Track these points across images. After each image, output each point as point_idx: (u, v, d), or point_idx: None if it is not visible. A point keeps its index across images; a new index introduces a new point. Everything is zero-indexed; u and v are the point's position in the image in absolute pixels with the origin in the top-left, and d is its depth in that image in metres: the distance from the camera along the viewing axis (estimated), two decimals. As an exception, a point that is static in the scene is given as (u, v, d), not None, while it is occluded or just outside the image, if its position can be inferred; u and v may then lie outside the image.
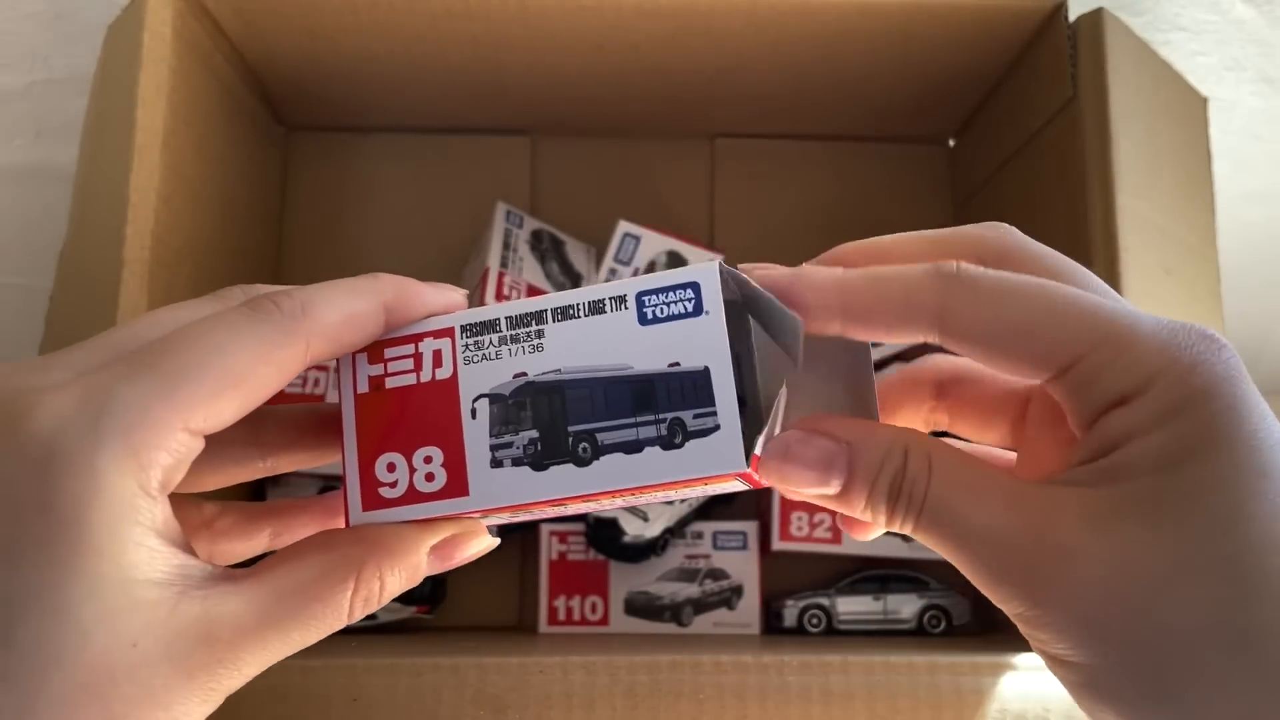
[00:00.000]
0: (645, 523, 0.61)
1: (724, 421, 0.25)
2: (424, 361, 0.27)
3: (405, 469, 0.27)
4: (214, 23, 0.57)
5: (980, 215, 0.69)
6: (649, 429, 0.26)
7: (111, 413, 0.22)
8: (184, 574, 0.22)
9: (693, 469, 0.25)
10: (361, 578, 0.25)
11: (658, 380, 0.26)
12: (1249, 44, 0.63)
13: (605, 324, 0.27)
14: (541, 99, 0.67)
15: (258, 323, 0.24)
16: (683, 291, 0.26)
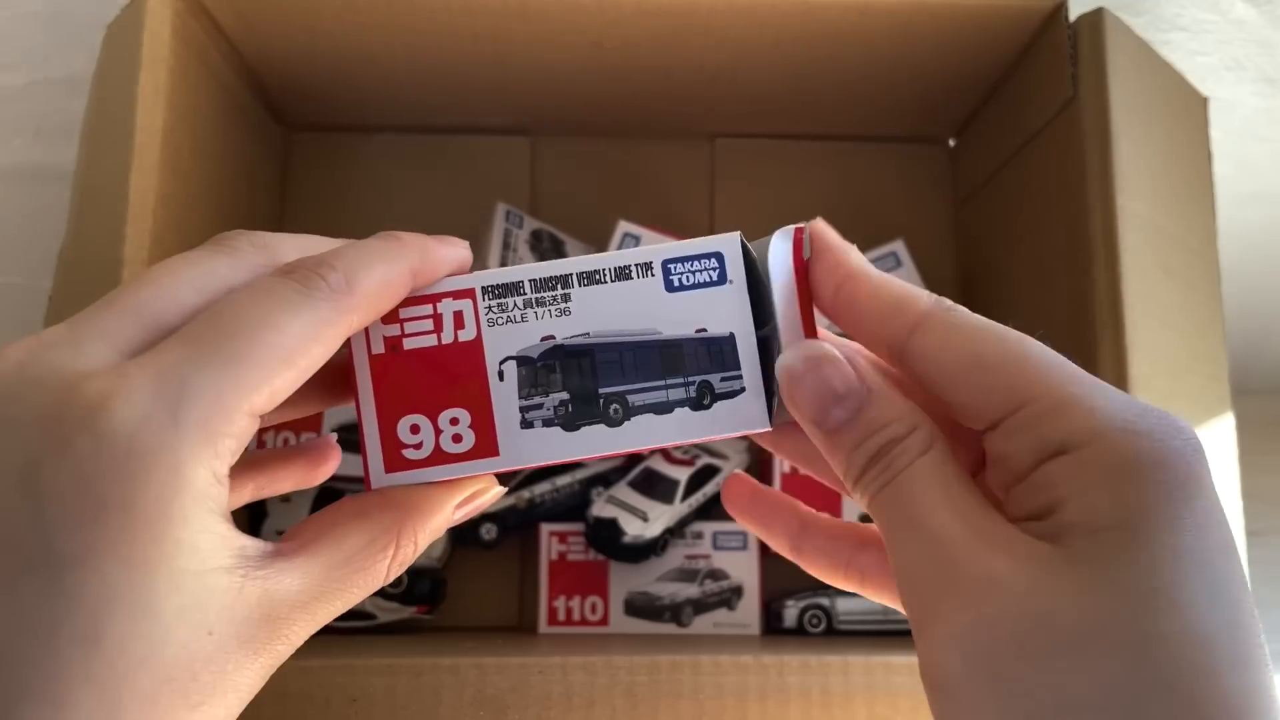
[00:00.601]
0: (645, 523, 0.61)
1: (749, 384, 0.27)
2: (444, 322, 0.27)
3: (430, 431, 0.27)
4: (213, 22, 0.57)
5: (980, 215, 0.69)
6: (678, 391, 0.27)
7: (189, 403, 0.21)
8: (244, 555, 0.23)
9: (722, 428, 0.27)
10: (400, 544, 0.25)
11: (686, 345, 0.27)
12: (1249, 44, 0.63)
13: (632, 290, 0.27)
14: (541, 98, 0.67)
15: (310, 299, 0.24)
16: (707, 261, 0.28)
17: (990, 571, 0.22)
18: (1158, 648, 0.20)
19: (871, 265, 0.27)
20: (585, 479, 0.65)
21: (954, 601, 0.22)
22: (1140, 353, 0.50)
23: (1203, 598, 0.20)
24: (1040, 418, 0.23)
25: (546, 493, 0.64)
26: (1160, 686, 0.20)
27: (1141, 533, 0.21)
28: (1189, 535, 0.21)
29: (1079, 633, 0.20)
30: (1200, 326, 0.55)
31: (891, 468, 0.24)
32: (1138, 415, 0.22)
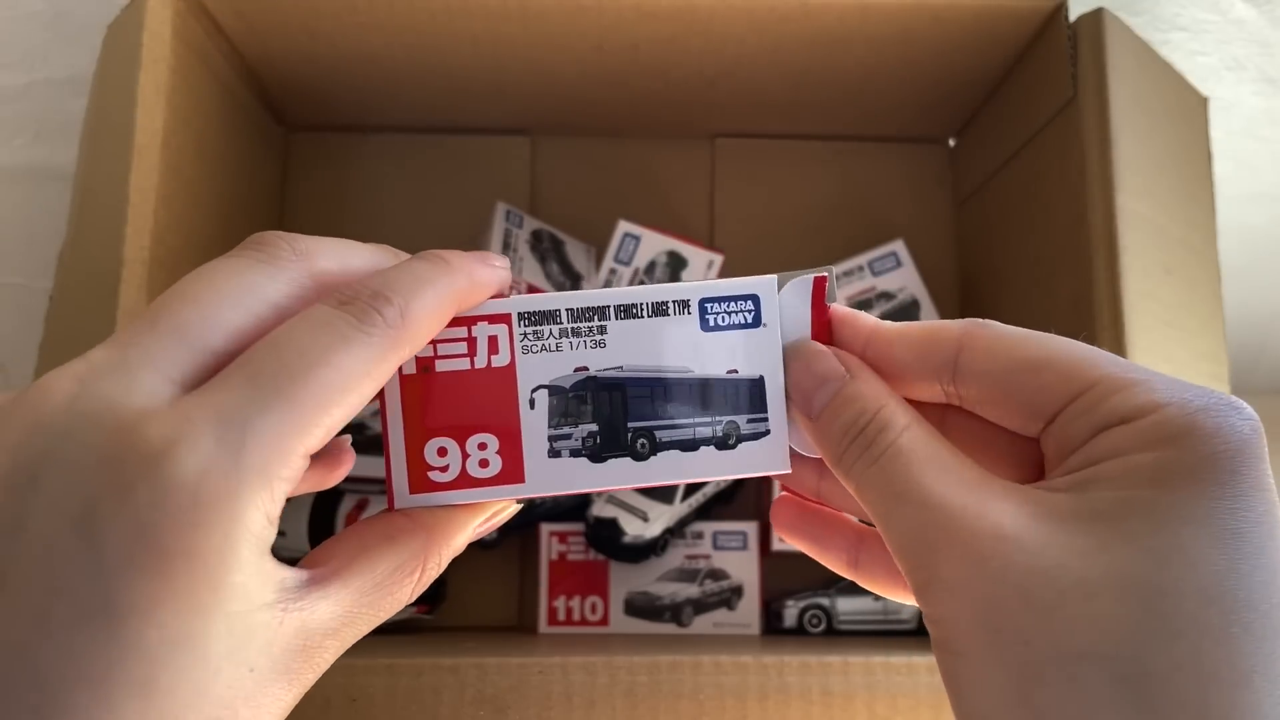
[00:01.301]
0: (645, 523, 0.61)
1: (774, 427, 0.28)
2: (479, 347, 0.27)
3: (458, 454, 0.27)
4: (213, 23, 0.57)
5: (980, 215, 0.69)
6: (705, 429, 0.28)
7: (250, 449, 0.21)
8: (284, 589, 0.23)
9: (743, 468, 0.28)
10: (426, 566, 0.26)
11: (717, 385, 0.28)
12: (1249, 44, 0.63)
13: (668, 326, 0.28)
14: (541, 99, 0.67)
15: (366, 335, 0.23)
16: (743, 302, 0.28)
17: (996, 527, 0.22)
18: (1169, 602, 0.20)
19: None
20: (585, 479, 0.65)
21: (955, 557, 0.22)
22: (1140, 353, 0.50)
23: (1225, 562, 0.20)
24: (1102, 399, 0.23)
25: (546, 493, 0.64)
26: (1165, 637, 0.20)
27: (1177, 495, 0.21)
28: (1227, 503, 0.21)
29: (1088, 584, 0.21)
30: (1200, 326, 0.55)
31: (878, 443, 0.25)
32: (1199, 394, 0.22)
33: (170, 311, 0.23)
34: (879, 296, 0.68)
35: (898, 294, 0.68)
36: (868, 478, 0.25)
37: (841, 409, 0.26)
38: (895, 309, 0.67)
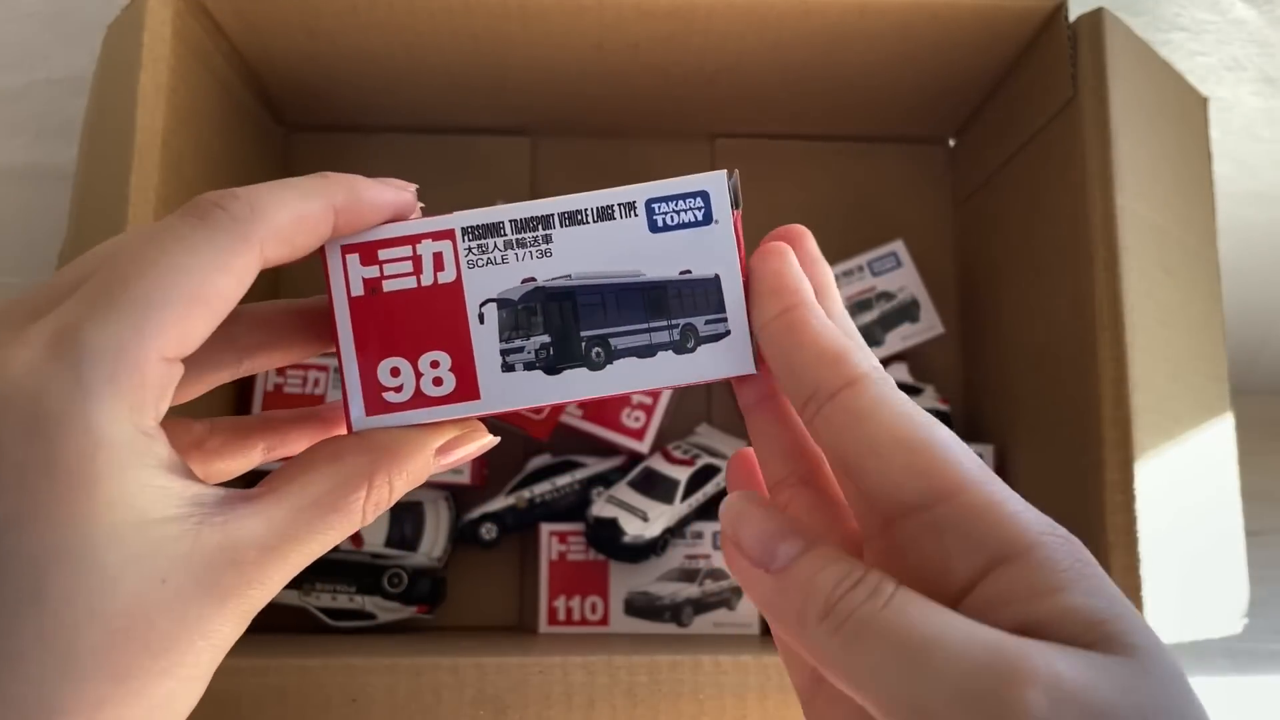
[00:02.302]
0: (645, 523, 0.61)
1: (734, 327, 0.27)
2: (424, 264, 0.27)
3: (411, 373, 0.27)
4: (214, 23, 0.57)
5: (980, 215, 0.69)
6: (661, 334, 0.27)
7: (89, 359, 0.21)
8: (198, 503, 0.22)
9: (705, 371, 0.27)
10: (373, 484, 0.25)
11: (670, 287, 0.27)
12: (1249, 44, 0.63)
13: (614, 230, 0.27)
14: (541, 99, 0.67)
15: (211, 231, 0.23)
16: (692, 200, 0.27)
17: (1052, 666, 0.20)
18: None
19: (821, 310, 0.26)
20: (585, 479, 0.65)
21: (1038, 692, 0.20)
22: (1140, 353, 0.50)
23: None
24: (968, 519, 0.22)
25: (546, 493, 0.65)
26: None
27: (1134, 623, 0.21)
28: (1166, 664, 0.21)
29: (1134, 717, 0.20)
30: (1200, 326, 0.55)
31: (867, 608, 0.21)
32: (1048, 523, 0.23)
33: (69, 265, 0.23)
34: (879, 296, 0.68)
35: (898, 294, 0.68)
36: (856, 638, 0.21)
37: (823, 566, 0.22)
38: (895, 309, 0.67)
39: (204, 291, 0.22)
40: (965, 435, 0.68)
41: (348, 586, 0.61)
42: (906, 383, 0.67)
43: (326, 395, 0.63)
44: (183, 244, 0.23)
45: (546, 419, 0.62)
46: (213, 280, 0.23)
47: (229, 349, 0.28)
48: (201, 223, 0.23)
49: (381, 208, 0.27)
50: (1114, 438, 0.49)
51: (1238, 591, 0.53)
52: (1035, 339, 0.60)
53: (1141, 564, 0.48)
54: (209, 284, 0.23)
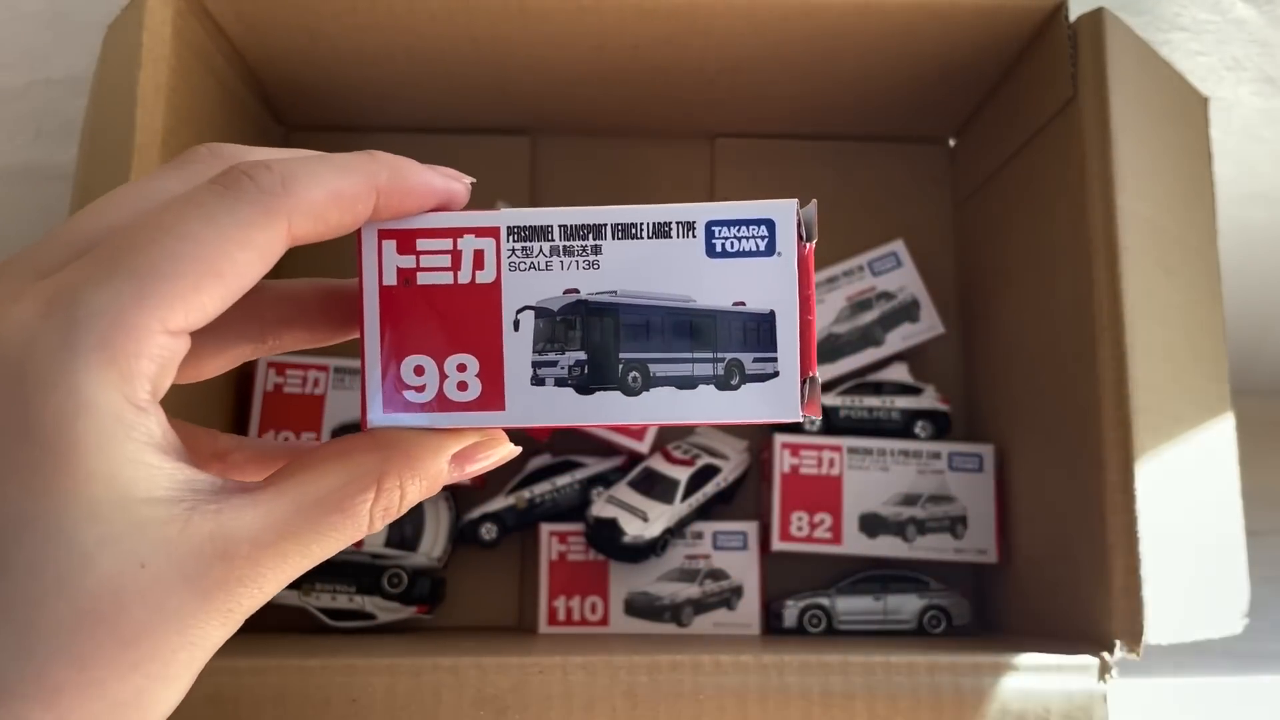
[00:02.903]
0: (645, 523, 0.61)
1: (784, 369, 0.25)
2: (463, 260, 0.26)
3: (435, 374, 0.25)
4: (214, 23, 0.57)
5: (980, 215, 0.69)
6: (705, 366, 0.25)
7: (82, 322, 0.20)
8: (192, 488, 0.21)
9: (746, 412, 0.25)
10: (382, 487, 0.23)
11: (720, 318, 0.25)
12: (1250, 44, 0.62)
13: (669, 249, 0.25)
14: (541, 99, 0.67)
15: (233, 202, 0.21)
16: (756, 228, 0.26)
17: None
18: None
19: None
20: (585, 479, 0.65)
21: None
22: (1140, 353, 0.50)
23: None
24: None
25: (546, 493, 0.64)
26: None
27: None
28: None
29: None
30: (1200, 326, 0.55)
31: None
32: None
33: (68, 220, 0.22)
34: (879, 296, 0.68)
35: (898, 294, 0.68)
36: None
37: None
38: (895, 309, 0.67)
39: (219, 265, 0.21)
40: (965, 435, 0.69)
41: (347, 587, 0.61)
42: (907, 383, 0.67)
43: (326, 395, 0.63)
44: (201, 212, 0.21)
45: (546, 419, 0.62)
46: (230, 254, 0.21)
47: (252, 322, 0.27)
48: (226, 192, 0.22)
49: (427, 194, 0.25)
50: (1114, 438, 0.49)
51: (1238, 592, 0.53)
52: (1035, 339, 0.60)
53: (1142, 564, 0.48)
54: (225, 257, 0.21)
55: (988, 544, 0.64)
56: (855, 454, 0.64)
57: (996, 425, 0.66)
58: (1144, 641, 0.47)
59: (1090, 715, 0.47)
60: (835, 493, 0.64)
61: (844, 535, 0.63)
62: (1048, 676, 0.47)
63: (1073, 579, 0.54)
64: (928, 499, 0.64)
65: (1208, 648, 0.52)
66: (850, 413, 0.66)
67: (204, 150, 0.24)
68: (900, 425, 0.66)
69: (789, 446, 0.64)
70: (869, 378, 0.67)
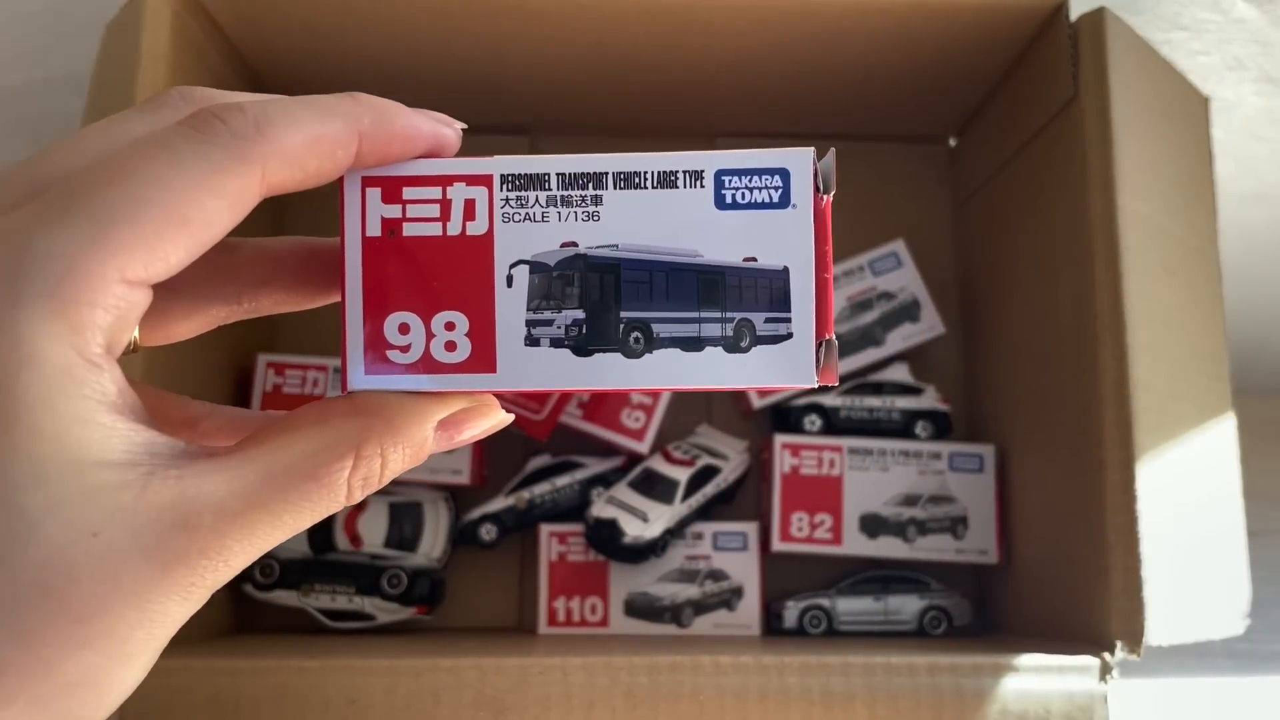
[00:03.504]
0: (645, 524, 0.61)
1: (798, 330, 0.23)
2: (453, 210, 0.24)
3: (421, 332, 0.24)
4: (212, 22, 0.57)
5: (981, 215, 0.69)
6: (713, 327, 0.23)
7: (30, 267, 0.18)
8: (150, 452, 0.19)
9: (756, 377, 0.23)
10: (361, 454, 0.21)
11: (730, 274, 0.23)
12: (1250, 43, 0.62)
13: (675, 200, 0.24)
14: (541, 98, 0.67)
15: (203, 146, 0.20)
16: (769, 177, 0.24)
17: None
18: None
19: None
20: (585, 479, 0.65)
21: None
22: (1141, 352, 0.50)
23: None
24: None
25: (546, 493, 0.64)
26: None
27: None
28: None
29: None
30: (1201, 326, 0.55)
31: None
32: None
33: (29, 159, 0.21)
34: (879, 296, 0.67)
35: (898, 294, 0.67)
36: None
37: None
38: (896, 309, 0.67)
39: (185, 212, 0.19)
40: (965, 435, 0.69)
41: (347, 587, 0.61)
42: (907, 383, 0.67)
43: (326, 395, 0.63)
44: (168, 155, 0.20)
45: (546, 419, 0.62)
46: (198, 200, 0.20)
47: (228, 281, 0.25)
48: (196, 134, 0.20)
49: (414, 139, 0.24)
50: (1115, 438, 0.49)
51: (1239, 592, 0.53)
52: (1036, 339, 0.60)
53: (1143, 564, 0.47)
54: (193, 204, 0.20)
55: (988, 544, 0.63)
56: (856, 454, 0.64)
57: (997, 425, 0.66)
58: (1144, 642, 0.47)
59: (1091, 716, 0.47)
60: (835, 493, 0.64)
61: (844, 536, 0.63)
62: (1048, 677, 0.47)
63: (1073, 579, 0.54)
64: (928, 499, 0.64)
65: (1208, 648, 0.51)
66: (851, 413, 0.66)
67: (175, 93, 0.22)
68: (901, 425, 0.66)
69: (789, 447, 0.64)
70: (869, 378, 0.67)
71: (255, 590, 0.61)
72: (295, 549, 0.62)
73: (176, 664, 0.46)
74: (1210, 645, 0.51)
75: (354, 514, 0.63)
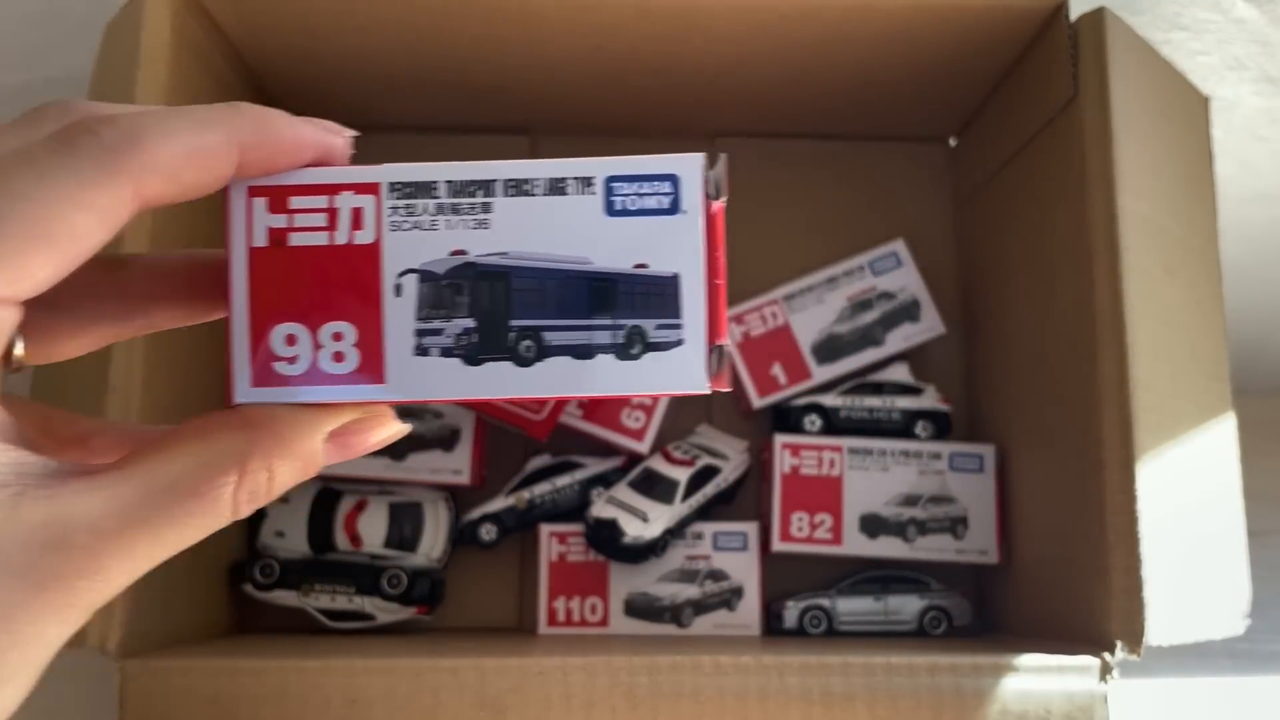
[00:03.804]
0: (645, 524, 0.61)
1: (689, 336, 0.23)
2: (340, 219, 0.24)
3: (309, 343, 0.23)
4: (212, 22, 0.57)
5: (981, 215, 0.69)
6: (603, 334, 0.23)
7: None
8: (19, 471, 0.19)
9: (648, 384, 0.24)
10: (247, 469, 0.21)
11: (620, 281, 0.24)
12: (1250, 43, 0.62)
13: (565, 207, 0.24)
14: (541, 99, 0.67)
15: (69, 159, 0.19)
16: (660, 184, 0.24)
17: None
18: None
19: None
20: (585, 479, 0.65)
21: None
22: (1141, 353, 0.50)
23: None
24: None
25: (546, 493, 0.64)
26: None
27: None
28: None
29: None
30: (1201, 326, 0.55)
31: None
32: None
33: None
34: (880, 296, 0.67)
35: (898, 294, 0.67)
36: None
37: None
38: (896, 308, 0.67)
39: (51, 227, 0.19)
40: (965, 435, 0.69)
41: (347, 587, 0.61)
42: (907, 383, 0.67)
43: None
44: (33, 169, 0.19)
45: (546, 419, 0.62)
46: (65, 215, 0.19)
47: (117, 298, 0.24)
48: (64, 148, 0.20)
49: (299, 148, 0.23)
50: (1115, 438, 0.49)
51: (1239, 592, 0.53)
52: (1036, 339, 0.60)
53: (1143, 564, 0.47)
54: (59, 219, 0.19)
55: (988, 544, 0.63)
56: (856, 454, 0.64)
57: (997, 425, 0.66)
58: (1145, 642, 0.47)
59: (1091, 716, 0.47)
60: (835, 493, 0.64)
61: (844, 536, 0.63)
62: (1048, 677, 0.47)
63: (1073, 579, 0.54)
64: (928, 499, 0.64)
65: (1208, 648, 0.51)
66: (850, 413, 0.66)
67: (53, 108, 0.22)
68: (901, 425, 0.66)
69: (789, 447, 0.64)
70: (869, 378, 0.67)
71: (255, 590, 0.61)
72: (295, 549, 0.62)
73: (177, 664, 0.46)
74: (1210, 645, 0.51)
75: (354, 514, 0.63)
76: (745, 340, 0.66)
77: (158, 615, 0.50)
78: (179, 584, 0.53)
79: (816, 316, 0.67)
